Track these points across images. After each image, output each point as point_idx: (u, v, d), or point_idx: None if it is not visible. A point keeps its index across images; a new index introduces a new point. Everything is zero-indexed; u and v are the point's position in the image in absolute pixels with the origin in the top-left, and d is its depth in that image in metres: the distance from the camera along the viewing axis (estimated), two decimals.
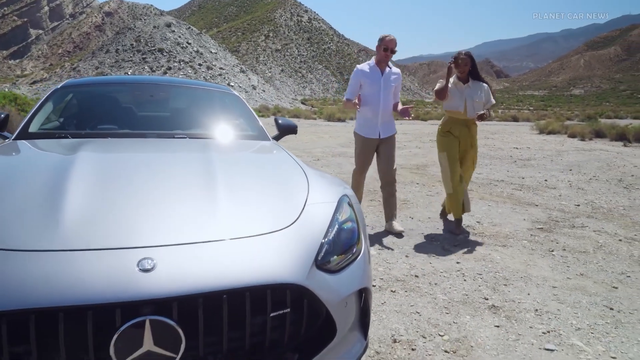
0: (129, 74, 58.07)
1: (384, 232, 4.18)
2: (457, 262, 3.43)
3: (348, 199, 2.00)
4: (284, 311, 1.46)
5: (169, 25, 68.51)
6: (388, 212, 4.26)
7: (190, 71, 60.07)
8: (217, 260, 1.42)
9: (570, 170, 8.50)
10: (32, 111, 2.80)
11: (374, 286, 2.91)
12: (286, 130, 3.37)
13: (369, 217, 4.67)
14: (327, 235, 1.71)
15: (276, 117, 3.46)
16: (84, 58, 69.67)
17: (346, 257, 1.74)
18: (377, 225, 4.36)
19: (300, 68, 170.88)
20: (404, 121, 25.44)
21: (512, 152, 11.29)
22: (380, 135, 4.11)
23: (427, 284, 3.01)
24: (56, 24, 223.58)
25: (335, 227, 1.77)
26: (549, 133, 18.29)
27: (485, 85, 4.16)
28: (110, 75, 57.60)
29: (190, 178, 1.92)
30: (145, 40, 65.49)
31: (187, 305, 1.31)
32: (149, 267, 1.32)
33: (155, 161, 2.20)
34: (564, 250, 3.79)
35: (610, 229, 4.48)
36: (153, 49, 63.77)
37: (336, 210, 1.85)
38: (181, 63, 61.67)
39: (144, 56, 62.79)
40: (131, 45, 65.09)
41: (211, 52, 68.28)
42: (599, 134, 16.59)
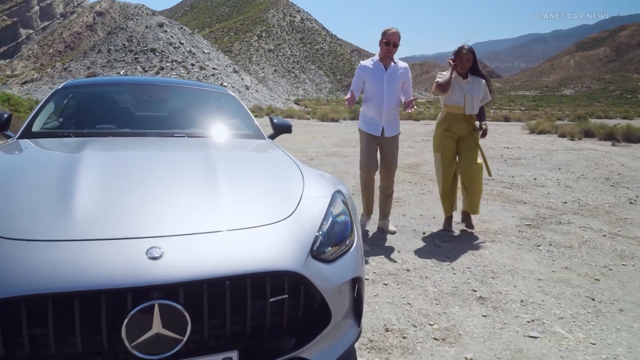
0: (121, 74, 57.82)
1: (377, 229, 4.28)
2: (448, 257, 3.55)
3: (341, 194, 2.11)
4: (282, 297, 1.56)
5: (161, 25, 68.28)
6: (383, 210, 4.28)
7: (183, 71, 59.90)
8: (219, 249, 1.52)
9: (559, 169, 8.67)
10: (35, 111, 2.88)
11: (368, 279, 3.02)
12: (281, 129, 3.47)
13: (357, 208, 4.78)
14: (322, 228, 1.82)
15: (271, 117, 3.57)
16: (76, 58, 69.24)
17: (340, 249, 1.84)
18: (369, 222, 4.46)
19: (293, 68, 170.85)
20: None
21: (502, 152, 11.47)
22: (384, 133, 4.02)
23: (418, 277, 3.12)
24: (47, 23, 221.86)
25: (330, 220, 1.88)
26: (540, 133, 18.52)
27: (483, 81, 4.14)
28: (103, 75, 57.40)
29: (191, 174, 2.02)
30: (137, 40, 65.21)
31: (192, 290, 1.41)
32: (157, 255, 1.42)
33: (157, 158, 2.30)
34: (550, 245, 3.93)
35: (595, 225, 4.63)
36: (145, 49, 63.51)
37: (330, 204, 1.96)
38: (174, 63, 61.48)
39: (136, 56, 62.52)
40: (123, 45, 64.78)
41: (204, 52, 68.15)
42: (588, 134, 16.85)
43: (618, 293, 2.95)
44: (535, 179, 7.45)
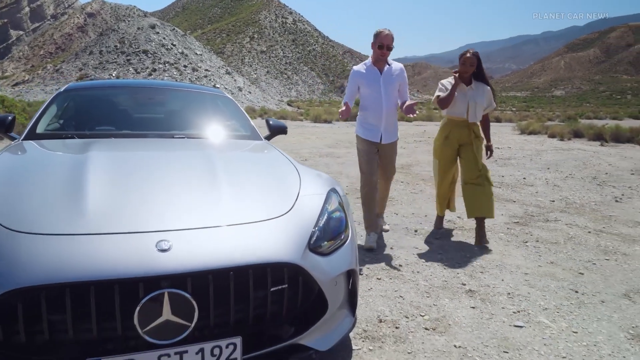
0: (113, 75, 57.60)
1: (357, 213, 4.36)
2: (439, 253, 3.68)
3: (336, 191, 2.23)
4: (282, 287, 1.68)
5: (153, 27, 68.11)
6: (378, 209, 4.17)
7: (175, 73, 59.76)
8: (223, 242, 1.63)
9: (548, 168, 8.85)
10: (39, 113, 2.97)
11: (362, 274, 3.13)
12: (277, 130, 3.58)
13: (356, 213, 4.89)
14: (318, 223, 1.93)
15: (267, 119, 3.68)
16: (67, 59, 68.87)
17: (335, 243, 1.96)
18: (362, 222, 4.56)
19: (285, 70, 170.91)
20: None
21: (493, 152, 11.63)
22: (382, 139, 3.83)
23: (410, 272, 3.25)
24: (37, 24, 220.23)
25: (325, 216, 2.00)
26: (530, 133, 18.75)
27: (488, 88, 3.99)
28: (95, 76, 57.11)
29: (194, 173, 2.13)
30: (129, 41, 65.01)
31: (199, 280, 1.51)
32: (166, 247, 1.53)
33: (160, 158, 2.40)
34: (537, 241, 4.07)
35: (581, 222, 4.78)
36: (137, 50, 63.33)
37: (325, 201, 2.07)
38: (166, 65, 61.34)
39: (128, 58, 62.32)
40: (115, 46, 64.55)
41: (196, 53, 68.06)
42: (577, 134, 17.08)
43: (600, 286, 3.09)
44: (524, 178, 7.62)
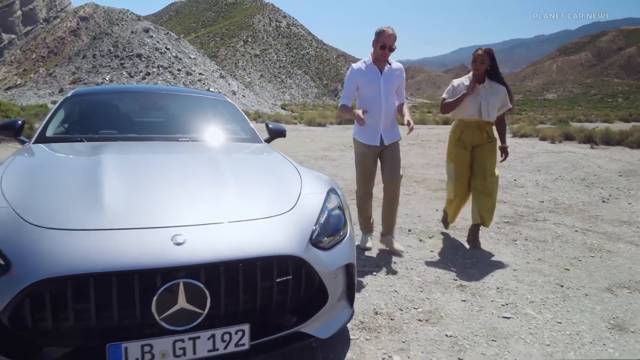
0: (107, 79, 57.54)
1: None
2: (431, 251, 3.83)
3: (335, 191, 2.37)
4: (287, 278, 1.82)
5: (147, 31, 68.12)
6: (388, 226, 3.78)
7: (169, 76, 59.77)
8: (233, 237, 1.78)
9: (539, 170, 9.05)
10: (47, 117, 3.09)
11: (358, 271, 3.27)
12: (276, 133, 3.73)
13: (353, 214, 5.04)
14: (319, 221, 2.08)
15: (267, 122, 3.83)
16: (60, 63, 68.66)
17: (334, 238, 2.10)
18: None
19: (279, 73, 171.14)
20: None
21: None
22: (383, 142, 3.62)
23: (404, 268, 3.39)
24: (29, 28, 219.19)
25: (325, 214, 2.14)
26: (522, 136, 19.01)
27: (502, 88, 3.79)
28: (88, 80, 56.97)
29: (202, 173, 2.27)
30: (123, 45, 64.96)
31: (211, 271, 1.65)
32: (180, 241, 1.67)
33: (169, 160, 2.54)
34: (526, 240, 4.23)
35: (568, 221, 4.96)
36: (131, 54, 63.29)
37: (325, 200, 2.22)
38: (160, 68, 61.35)
39: (122, 62, 62.27)
40: (109, 50, 64.49)
41: (190, 57, 68.13)
42: (568, 137, 17.37)
43: (585, 280, 3.25)
44: (515, 180, 7.80)
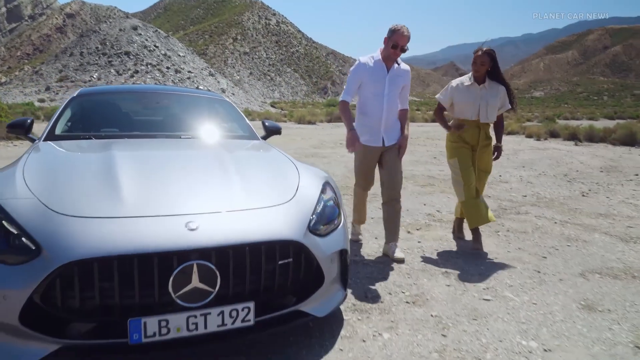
0: (94, 77, 57.12)
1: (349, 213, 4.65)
2: (419, 242, 4.06)
3: (330, 184, 2.58)
4: (288, 260, 2.03)
5: (135, 28, 67.67)
6: (390, 233, 3.61)
7: (158, 74, 59.51)
8: (240, 223, 1.98)
9: (523, 167, 9.35)
10: (55, 116, 3.26)
11: (350, 260, 3.48)
12: (272, 131, 3.93)
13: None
14: (316, 210, 2.29)
15: (263, 120, 4.03)
16: (47, 61, 67.98)
17: (330, 226, 2.32)
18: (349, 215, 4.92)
19: (268, 71, 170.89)
20: None
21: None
22: (384, 142, 3.50)
23: None
24: (14, 25, 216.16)
25: (321, 204, 2.35)
26: (509, 134, 19.37)
27: (503, 88, 3.73)
28: (75, 78, 56.49)
29: (207, 167, 2.48)
30: (111, 43, 64.51)
31: (221, 254, 1.85)
32: (194, 227, 1.86)
33: (176, 156, 2.74)
34: (508, 231, 4.48)
35: (549, 214, 5.22)
36: (119, 52, 62.89)
37: (321, 192, 2.43)
38: (148, 66, 61.05)
39: (109, 59, 61.85)
40: (96, 48, 64.00)
41: (179, 55, 67.84)
42: (553, 134, 17.77)
43: (560, 267, 3.50)
44: (500, 176, 8.08)
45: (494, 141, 3.91)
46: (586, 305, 2.82)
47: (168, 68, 62.41)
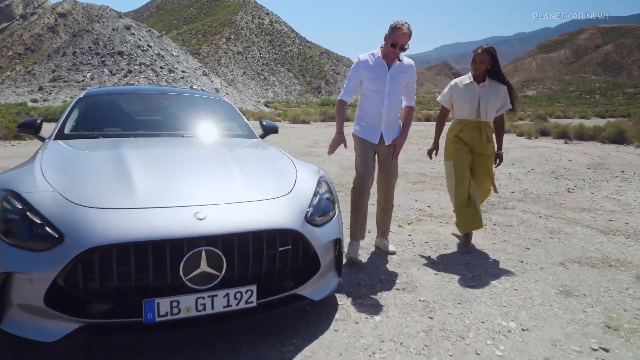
0: (87, 77, 56.94)
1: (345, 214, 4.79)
2: (409, 235, 4.26)
3: (325, 179, 2.78)
4: (287, 247, 2.22)
5: (128, 28, 67.46)
6: (382, 227, 3.78)
7: (151, 74, 59.36)
8: (244, 213, 2.17)
9: (513, 164, 9.59)
10: (64, 116, 3.43)
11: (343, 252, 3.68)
12: (269, 130, 4.13)
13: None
14: (312, 203, 2.48)
15: (261, 120, 4.22)
16: (39, 61, 67.58)
17: (325, 218, 2.51)
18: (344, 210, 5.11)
19: (262, 71, 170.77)
20: None
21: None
22: (383, 140, 3.47)
23: None
24: (5, 25, 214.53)
25: (317, 197, 2.55)
26: None
27: (503, 87, 3.72)
28: (68, 77, 56.26)
29: (212, 162, 2.67)
30: (104, 43, 64.27)
31: (227, 241, 2.04)
32: (202, 217, 2.05)
33: (180, 153, 2.92)
34: (495, 224, 4.70)
35: (534, 209, 5.45)
36: (112, 51, 62.65)
37: (317, 186, 2.63)
38: (142, 66, 60.88)
39: (102, 59, 61.60)
40: (89, 48, 63.72)
41: (172, 54, 67.71)
42: (544, 133, 18.09)
43: (542, 257, 3.71)
44: None
45: (494, 145, 3.88)
46: (564, 290, 3.03)
47: (161, 68, 62.26)
